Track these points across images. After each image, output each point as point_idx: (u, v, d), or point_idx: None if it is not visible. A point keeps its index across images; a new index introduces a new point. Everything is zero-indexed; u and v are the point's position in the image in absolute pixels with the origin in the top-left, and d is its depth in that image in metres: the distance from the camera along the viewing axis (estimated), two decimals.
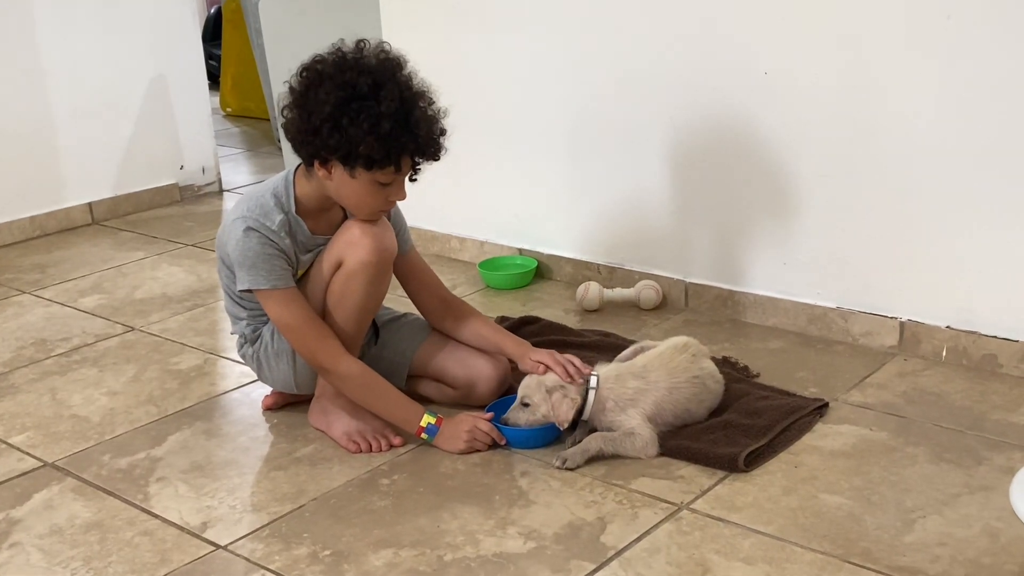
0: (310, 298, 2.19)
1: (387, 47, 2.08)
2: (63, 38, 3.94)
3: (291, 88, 2.08)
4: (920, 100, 2.38)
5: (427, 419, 2.17)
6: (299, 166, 2.18)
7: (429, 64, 2.15)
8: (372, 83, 2.00)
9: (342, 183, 2.09)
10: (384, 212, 2.19)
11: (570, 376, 2.14)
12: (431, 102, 2.08)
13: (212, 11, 6.86)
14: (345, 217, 2.22)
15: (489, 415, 2.21)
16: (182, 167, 4.41)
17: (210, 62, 5.33)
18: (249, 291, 2.17)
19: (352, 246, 2.14)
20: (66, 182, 4.04)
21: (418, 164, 2.11)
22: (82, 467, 2.21)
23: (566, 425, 2.11)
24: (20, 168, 3.90)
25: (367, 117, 1.98)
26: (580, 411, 2.13)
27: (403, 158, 2.06)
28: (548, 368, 2.18)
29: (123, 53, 4.14)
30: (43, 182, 3.98)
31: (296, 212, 2.17)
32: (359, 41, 2.08)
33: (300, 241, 2.19)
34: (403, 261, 2.35)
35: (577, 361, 2.18)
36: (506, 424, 2.18)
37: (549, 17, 2.95)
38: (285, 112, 2.09)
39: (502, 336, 2.35)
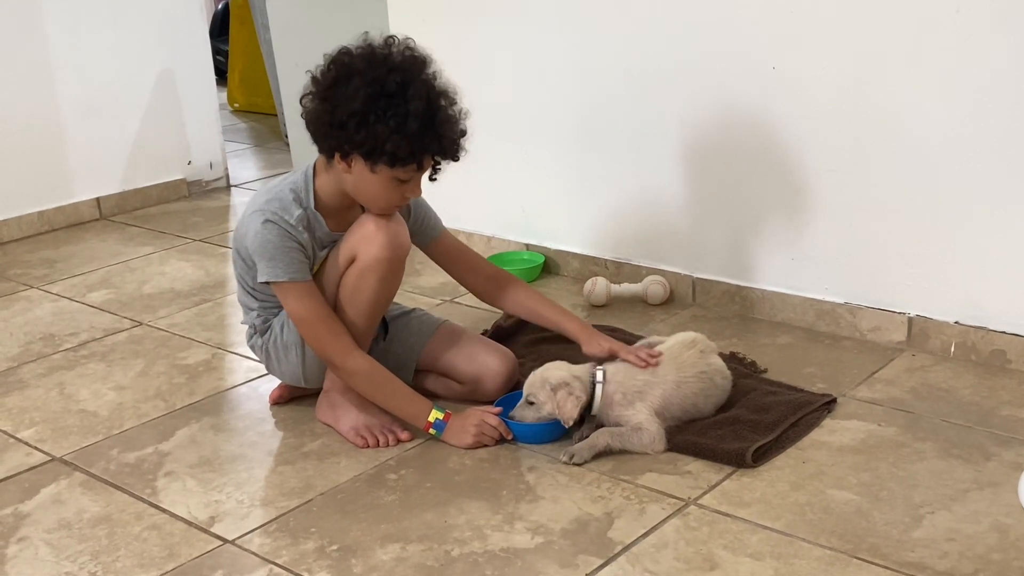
0: (323, 291, 2.19)
1: (412, 44, 2.08)
2: (71, 33, 3.94)
3: (315, 79, 2.07)
4: (929, 95, 2.37)
5: (435, 414, 2.17)
6: (317, 161, 2.18)
7: (437, 58, 2.14)
8: (400, 81, 2.00)
9: (361, 177, 2.09)
10: (399, 207, 2.19)
11: (644, 361, 2.15)
12: (453, 102, 2.08)
13: (219, 6, 6.86)
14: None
15: (497, 410, 2.21)
16: (190, 162, 4.41)
17: (217, 57, 5.34)
18: (267, 283, 2.17)
19: (366, 241, 2.14)
20: (74, 177, 4.05)
21: (438, 163, 2.12)
22: (90, 461, 2.22)
23: (571, 423, 2.11)
24: (28, 163, 3.90)
25: (395, 115, 1.98)
26: (588, 407, 2.13)
27: (425, 157, 2.07)
28: (615, 352, 2.19)
29: (131, 48, 4.14)
30: (51, 177, 3.98)
31: (315, 208, 2.17)
32: (388, 37, 2.07)
33: (318, 237, 2.19)
34: (438, 245, 2.36)
35: (643, 350, 2.20)
36: (514, 419, 2.18)
37: (558, 11, 2.95)
38: (306, 102, 2.09)
39: (564, 317, 2.34)
